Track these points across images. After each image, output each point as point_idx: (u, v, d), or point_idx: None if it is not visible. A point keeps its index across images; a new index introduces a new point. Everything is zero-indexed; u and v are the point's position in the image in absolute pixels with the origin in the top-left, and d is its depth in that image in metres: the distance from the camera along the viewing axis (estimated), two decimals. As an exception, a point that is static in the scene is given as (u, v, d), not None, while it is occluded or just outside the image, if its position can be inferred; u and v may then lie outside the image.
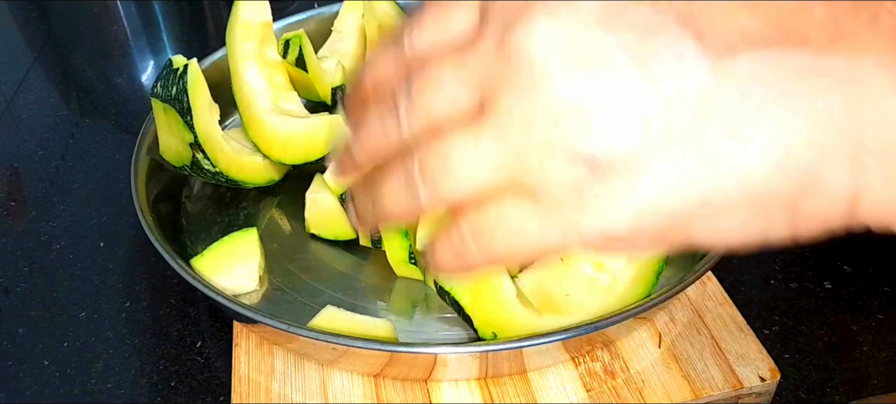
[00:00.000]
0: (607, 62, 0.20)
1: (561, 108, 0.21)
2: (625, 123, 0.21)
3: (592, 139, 0.21)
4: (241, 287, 0.59)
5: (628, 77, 0.20)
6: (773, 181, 0.21)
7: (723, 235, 0.22)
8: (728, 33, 0.20)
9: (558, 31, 0.21)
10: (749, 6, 0.21)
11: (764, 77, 0.20)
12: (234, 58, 0.66)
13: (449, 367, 0.51)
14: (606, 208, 0.22)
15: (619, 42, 0.20)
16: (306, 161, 0.67)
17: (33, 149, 0.83)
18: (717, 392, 0.52)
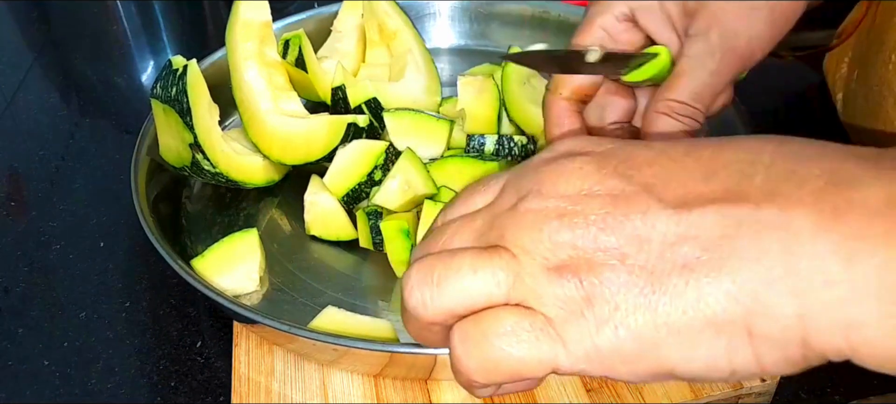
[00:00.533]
0: (592, 217, 0.27)
1: (556, 248, 0.28)
2: (606, 259, 0.27)
3: (581, 272, 0.27)
4: (242, 287, 0.59)
5: (606, 226, 0.27)
6: (726, 307, 0.25)
7: (692, 362, 0.26)
8: (684, 195, 0.27)
9: (557, 199, 0.28)
10: (702, 175, 0.27)
11: (713, 224, 0.26)
12: (234, 58, 0.66)
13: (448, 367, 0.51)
14: (591, 329, 0.27)
15: (600, 204, 0.28)
16: (306, 161, 0.67)
17: (33, 149, 0.83)
18: (717, 392, 0.52)
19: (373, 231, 0.60)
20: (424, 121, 0.66)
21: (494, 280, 0.28)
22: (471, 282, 0.28)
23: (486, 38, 0.88)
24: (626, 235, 0.27)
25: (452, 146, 0.68)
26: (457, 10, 0.88)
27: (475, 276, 0.28)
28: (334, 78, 0.71)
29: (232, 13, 0.66)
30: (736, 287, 0.25)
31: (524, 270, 0.28)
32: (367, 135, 0.67)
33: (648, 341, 0.26)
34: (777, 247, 0.25)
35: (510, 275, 0.28)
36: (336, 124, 0.66)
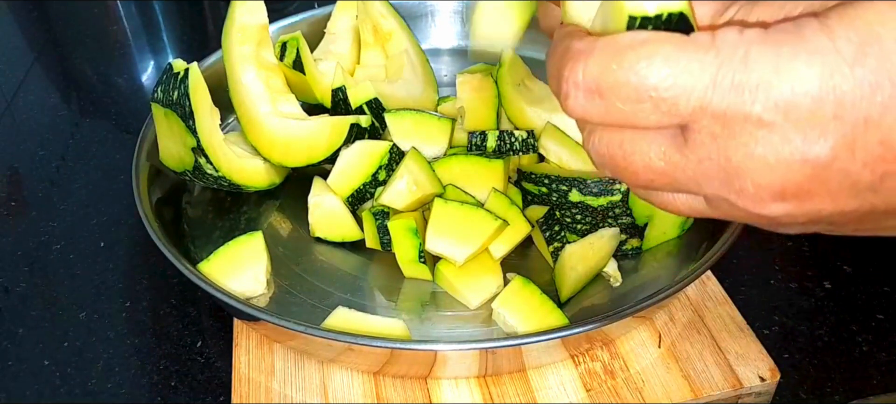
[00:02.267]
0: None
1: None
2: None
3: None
4: (250, 290, 0.59)
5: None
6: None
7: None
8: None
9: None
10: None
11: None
12: (231, 61, 0.65)
13: (449, 365, 0.51)
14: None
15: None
16: (308, 163, 0.66)
17: (33, 149, 0.83)
18: (717, 392, 0.52)
19: (380, 231, 0.60)
20: (426, 120, 0.67)
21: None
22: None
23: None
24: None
25: (454, 144, 0.68)
26: (451, 11, 0.88)
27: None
28: (334, 79, 0.71)
29: (228, 15, 0.65)
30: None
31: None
32: (369, 136, 0.67)
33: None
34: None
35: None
36: (339, 125, 0.66)
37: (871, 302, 0.62)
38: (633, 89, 0.28)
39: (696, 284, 0.59)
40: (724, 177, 0.28)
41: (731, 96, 0.26)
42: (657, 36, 0.28)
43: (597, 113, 0.29)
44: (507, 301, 0.55)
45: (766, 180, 0.27)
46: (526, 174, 0.64)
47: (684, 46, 0.27)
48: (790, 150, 0.26)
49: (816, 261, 0.65)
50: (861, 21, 0.24)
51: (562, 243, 0.60)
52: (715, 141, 0.27)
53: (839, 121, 0.25)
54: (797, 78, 0.25)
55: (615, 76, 0.28)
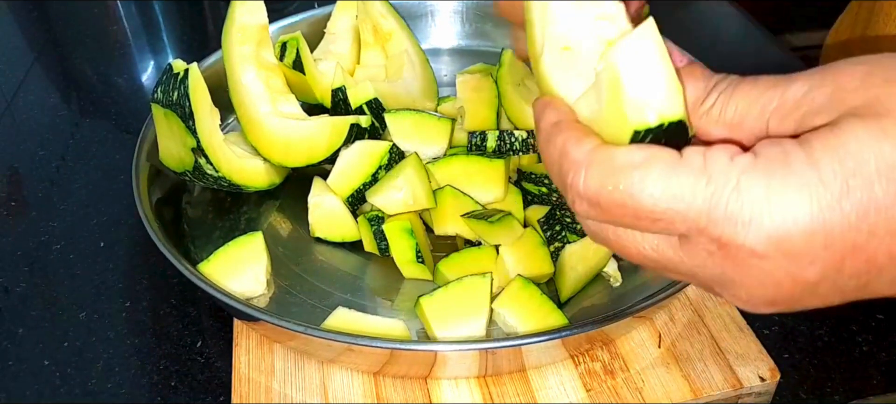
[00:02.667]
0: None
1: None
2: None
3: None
4: (250, 290, 0.59)
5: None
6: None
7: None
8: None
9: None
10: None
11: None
12: (231, 61, 0.65)
13: (449, 365, 0.51)
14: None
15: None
16: (308, 163, 0.66)
17: (33, 149, 0.83)
18: (717, 392, 0.52)
19: (377, 236, 0.60)
20: (425, 120, 0.67)
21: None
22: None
23: (480, 38, 0.89)
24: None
25: (453, 144, 0.68)
26: (450, 11, 0.88)
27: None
28: (334, 79, 0.71)
29: (228, 15, 0.65)
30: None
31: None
32: (369, 136, 0.67)
33: None
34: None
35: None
36: (339, 125, 0.66)
37: (871, 302, 0.61)
38: (630, 209, 0.29)
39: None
40: (719, 282, 0.30)
41: (726, 226, 0.27)
42: (651, 156, 0.29)
43: (601, 217, 0.31)
44: (507, 301, 0.55)
45: (759, 293, 0.29)
46: (526, 174, 0.64)
47: (677, 170, 0.28)
48: (782, 274, 0.28)
49: (816, 261, 0.65)
50: (844, 151, 0.26)
51: (562, 243, 0.60)
52: (711, 256, 0.29)
53: (829, 250, 0.27)
54: (788, 212, 0.26)
55: (612, 196, 0.29)
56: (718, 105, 0.31)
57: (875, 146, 0.26)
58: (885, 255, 0.27)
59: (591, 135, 0.31)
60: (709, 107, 0.31)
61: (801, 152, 0.27)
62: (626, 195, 0.29)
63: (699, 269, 0.30)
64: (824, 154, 0.26)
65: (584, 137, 0.31)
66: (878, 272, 0.27)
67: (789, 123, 0.29)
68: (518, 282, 0.56)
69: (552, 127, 0.33)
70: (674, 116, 0.30)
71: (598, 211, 0.30)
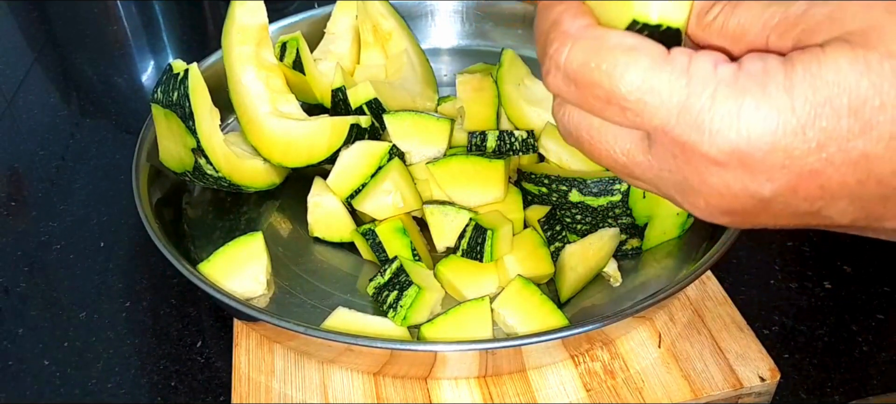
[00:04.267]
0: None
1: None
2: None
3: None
4: (250, 291, 0.59)
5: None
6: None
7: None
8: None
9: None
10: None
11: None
12: (231, 61, 0.66)
13: (449, 365, 0.51)
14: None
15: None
16: (308, 163, 0.66)
17: (33, 149, 0.83)
18: (717, 392, 0.52)
19: (375, 249, 0.60)
20: (425, 121, 0.67)
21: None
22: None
23: (480, 37, 0.89)
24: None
25: (453, 145, 0.68)
26: (450, 11, 0.88)
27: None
28: (334, 79, 0.71)
29: (228, 16, 0.66)
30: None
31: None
32: (369, 136, 0.67)
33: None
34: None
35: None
36: (339, 126, 0.66)
37: (871, 302, 0.62)
38: (605, 91, 0.29)
39: (696, 284, 0.59)
40: (680, 189, 0.31)
41: (692, 132, 0.28)
42: (641, 45, 0.29)
43: (571, 97, 0.31)
44: (507, 301, 0.55)
45: (715, 202, 0.30)
46: (526, 174, 0.64)
47: (661, 65, 0.29)
48: (740, 187, 0.29)
49: (816, 261, 0.65)
50: (821, 80, 0.26)
51: (563, 243, 0.60)
52: (674, 159, 0.30)
53: (786, 170, 0.28)
54: (753, 130, 0.27)
55: (592, 74, 0.30)
56: (722, 16, 0.31)
57: (853, 79, 0.26)
58: (838, 184, 0.28)
59: (589, 15, 0.31)
60: (712, 18, 0.31)
61: (781, 74, 0.27)
62: (605, 76, 0.29)
63: (664, 174, 0.31)
64: (802, 79, 0.27)
65: (581, 14, 0.31)
66: (830, 199, 0.28)
67: (788, 40, 0.29)
68: (518, 282, 0.56)
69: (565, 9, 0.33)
70: (674, 22, 0.30)
71: (572, 88, 0.31)
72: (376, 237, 0.60)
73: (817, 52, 0.27)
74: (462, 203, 0.63)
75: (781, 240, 0.67)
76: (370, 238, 0.60)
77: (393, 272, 0.57)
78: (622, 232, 0.61)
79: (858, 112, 0.26)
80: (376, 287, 0.57)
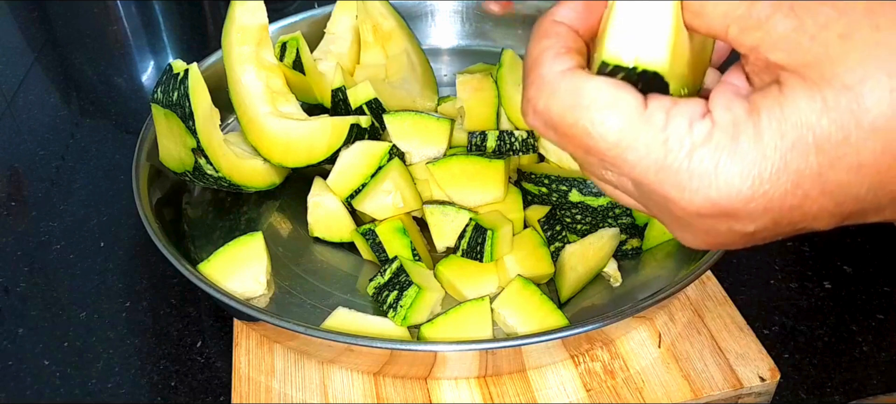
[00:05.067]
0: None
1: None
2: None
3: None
4: (250, 291, 0.59)
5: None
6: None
7: None
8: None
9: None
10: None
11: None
12: (231, 61, 0.66)
13: (449, 365, 0.51)
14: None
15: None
16: (308, 163, 0.66)
17: (33, 149, 0.83)
18: (716, 392, 0.52)
19: (376, 249, 0.60)
20: (425, 121, 0.67)
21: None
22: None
23: (480, 37, 0.89)
24: None
25: (453, 145, 0.68)
26: (450, 11, 0.88)
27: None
28: (334, 79, 0.71)
29: (227, 16, 0.65)
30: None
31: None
32: (369, 136, 0.67)
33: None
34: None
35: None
36: (339, 126, 0.66)
37: (871, 302, 0.62)
38: (583, 145, 0.30)
39: (696, 284, 0.59)
40: (667, 223, 0.32)
41: (671, 189, 0.29)
42: (617, 100, 0.29)
43: (551, 139, 0.32)
44: (507, 301, 0.55)
45: (702, 237, 0.31)
46: (526, 174, 0.64)
47: (637, 123, 0.29)
48: (725, 228, 0.30)
49: (816, 261, 0.65)
50: (786, 125, 0.28)
51: (563, 243, 0.60)
52: (657, 205, 0.31)
53: (768, 212, 0.29)
54: (732, 186, 0.28)
55: (570, 129, 0.30)
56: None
57: (813, 119, 0.27)
58: (817, 209, 0.29)
59: (571, 54, 0.31)
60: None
61: (750, 126, 0.28)
62: (582, 131, 0.30)
63: (651, 208, 0.32)
64: (768, 127, 0.28)
65: (562, 54, 0.31)
66: (812, 220, 0.29)
67: (747, 39, 0.29)
68: (518, 282, 0.56)
69: (551, 23, 0.33)
70: (651, 65, 0.29)
71: (551, 133, 0.31)
72: (376, 237, 0.60)
73: (777, 95, 0.28)
74: (462, 203, 0.63)
75: (781, 241, 0.67)
76: (370, 238, 0.60)
77: (393, 272, 0.57)
78: (622, 232, 0.61)
79: (824, 148, 0.27)
80: (376, 287, 0.57)
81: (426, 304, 0.56)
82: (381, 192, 0.62)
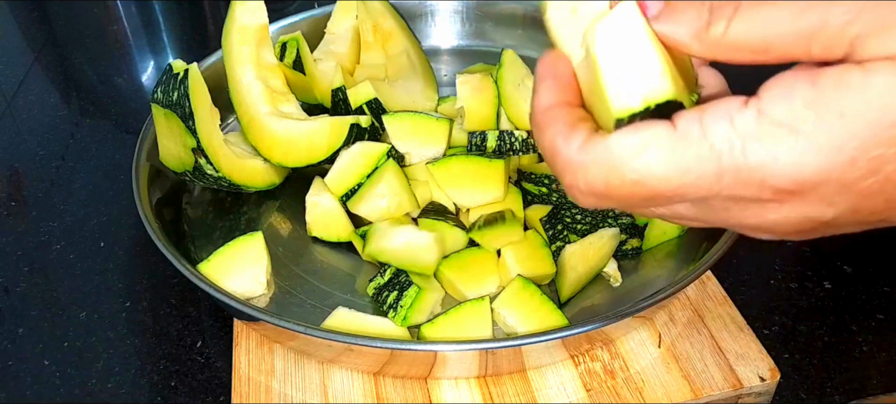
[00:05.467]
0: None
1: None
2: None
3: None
4: (250, 291, 0.59)
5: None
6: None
7: None
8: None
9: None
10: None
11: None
12: (231, 61, 0.66)
13: (449, 365, 0.51)
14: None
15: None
16: (308, 163, 0.66)
17: (33, 149, 0.83)
18: (716, 392, 0.52)
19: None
20: (424, 121, 0.67)
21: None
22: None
23: (480, 37, 0.89)
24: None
25: (453, 145, 0.68)
26: (450, 11, 0.88)
27: None
28: (334, 79, 0.71)
29: (228, 16, 0.66)
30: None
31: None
32: (369, 136, 0.67)
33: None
34: None
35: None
36: (339, 125, 0.66)
37: (871, 302, 0.62)
38: (640, 196, 0.29)
39: (696, 284, 0.59)
40: (737, 227, 0.31)
41: (739, 188, 0.28)
42: (648, 140, 0.28)
43: (612, 205, 0.31)
44: (507, 301, 0.55)
45: (779, 231, 0.30)
46: (526, 174, 0.64)
47: (678, 146, 0.28)
48: (801, 218, 0.29)
49: (816, 261, 0.65)
50: (863, 105, 0.25)
51: (564, 243, 0.60)
52: (727, 212, 0.30)
53: (844, 195, 0.27)
54: (798, 169, 0.26)
55: (621, 189, 0.29)
56: (722, 24, 0.29)
57: (891, 100, 0.25)
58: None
59: (578, 126, 0.30)
60: (713, 32, 0.29)
61: (811, 114, 0.26)
62: (634, 184, 0.29)
63: (716, 221, 0.31)
64: (838, 105, 0.26)
65: (571, 132, 0.30)
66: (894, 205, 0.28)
67: (838, 51, 0.27)
68: (518, 282, 0.56)
69: (544, 112, 0.32)
70: (661, 97, 0.29)
71: (610, 202, 0.30)
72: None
73: (859, 78, 0.26)
74: (462, 203, 0.63)
75: (781, 240, 0.67)
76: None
77: (393, 272, 0.57)
78: (622, 232, 0.61)
79: None
80: (376, 287, 0.57)
81: (426, 304, 0.56)
82: (375, 196, 0.62)
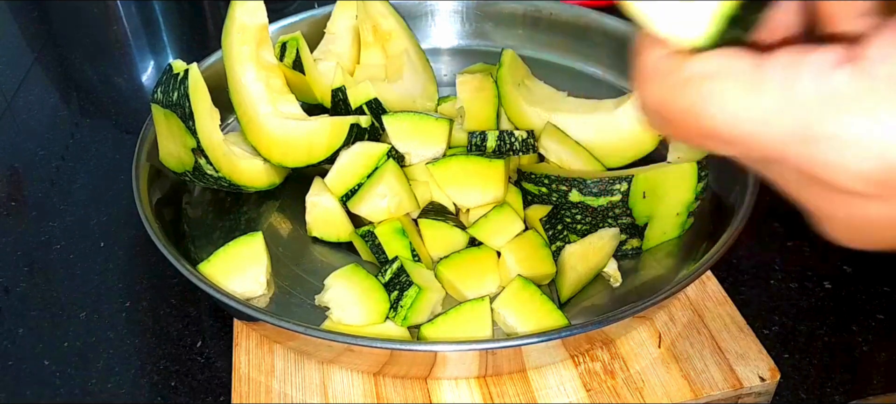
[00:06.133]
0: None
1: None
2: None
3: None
4: (250, 291, 0.59)
5: None
6: None
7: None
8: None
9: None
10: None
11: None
12: (231, 61, 0.65)
13: (449, 365, 0.51)
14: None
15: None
16: (308, 163, 0.66)
17: (33, 149, 0.83)
18: (717, 392, 0.52)
19: (375, 251, 0.60)
20: (424, 121, 0.67)
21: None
22: None
23: (480, 37, 0.89)
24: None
25: (453, 145, 0.68)
26: (450, 11, 0.88)
27: None
28: (334, 79, 0.71)
29: (228, 16, 0.65)
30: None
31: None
32: (369, 136, 0.67)
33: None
34: None
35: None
36: (339, 126, 0.66)
37: (871, 302, 0.62)
38: (700, 129, 0.25)
39: (696, 284, 0.59)
40: (801, 205, 0.27)
41: (816, 163, 0.23)
42: (726, 66, 0.24)
43: (668, 132, 0.27)
44: (507, 301, 0.55)
45: (844, 233, 0.26)
46: (526, 174, 0.64)
47: (760, 85, 0.23)
48: (881, 216, 0.24)
49: (816, 261, 0.65)
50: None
51: (564, 243, 0.60)
52: (795, 184, 0.26)
53: None
54: (880, 155, 0.22)
55: (680, 115, 0.25)
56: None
57: None
58: None
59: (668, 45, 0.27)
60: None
61: (882, 84, 0.22)
62: (691, 115, 0.25)
63: (789, 188, 0.26)
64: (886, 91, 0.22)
65: (658, 45, 0.26)
66: None
67: None
68: (518, 282, 0.56)
69: (644, 37, 0.28)
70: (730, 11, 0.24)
71: (667, 126, 0.26)
72: (376, 239, 0.60)
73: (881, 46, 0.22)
74: (462, 203, 0.63)
75: (781, 240, 0.67)
76: (369, 239, 0.60)
77: (393, 272, 0.57)
78: (622, 232, 0.61)
79: None
80: None
81: (426, 304, 0.56)
82: (375, 196, 0.62)
